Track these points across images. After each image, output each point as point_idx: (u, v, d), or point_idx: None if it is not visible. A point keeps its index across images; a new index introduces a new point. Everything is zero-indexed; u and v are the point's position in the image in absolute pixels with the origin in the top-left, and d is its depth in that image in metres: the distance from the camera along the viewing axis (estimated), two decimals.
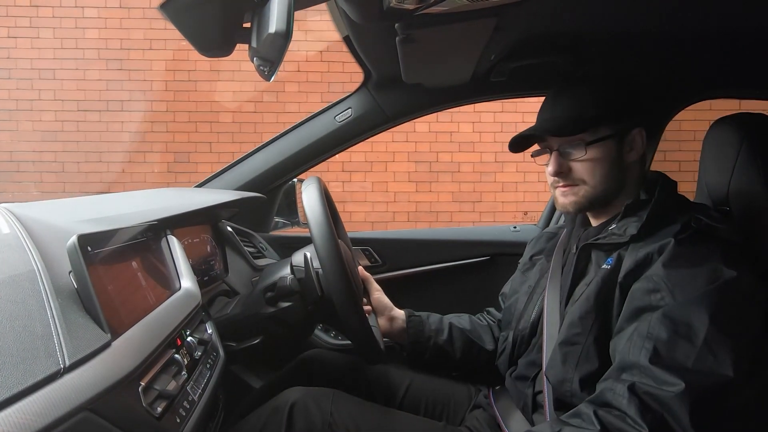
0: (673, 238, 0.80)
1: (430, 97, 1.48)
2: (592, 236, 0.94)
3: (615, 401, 0.73)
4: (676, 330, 0.73)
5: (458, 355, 1.15)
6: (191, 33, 0.75)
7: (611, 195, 0.94)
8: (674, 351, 0.72)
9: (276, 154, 1.53)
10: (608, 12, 1.02)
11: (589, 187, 0.92)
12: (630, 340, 0.77)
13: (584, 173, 0.92)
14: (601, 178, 0.92)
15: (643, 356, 0.73)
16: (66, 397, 0.45)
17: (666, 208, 0.86)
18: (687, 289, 0.75)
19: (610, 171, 0.92)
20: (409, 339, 1.15)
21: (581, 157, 0.91)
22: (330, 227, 0.93)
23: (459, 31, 0.97)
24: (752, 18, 1.04)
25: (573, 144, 0.92)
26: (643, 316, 0.77)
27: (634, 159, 0.93)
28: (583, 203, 0.94)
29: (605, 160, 0.91)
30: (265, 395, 1.07)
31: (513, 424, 0.99)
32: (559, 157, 0.93)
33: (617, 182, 0.93)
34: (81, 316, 0.54)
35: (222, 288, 1.24)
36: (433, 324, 1.17)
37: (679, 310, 0.74)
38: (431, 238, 1.73)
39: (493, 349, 1.17)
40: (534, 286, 1.08)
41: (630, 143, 0.93)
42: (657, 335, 0.74)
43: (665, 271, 0.78)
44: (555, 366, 0.88)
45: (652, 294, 0.77)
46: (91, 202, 0.93)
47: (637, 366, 0.74)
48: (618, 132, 0.92)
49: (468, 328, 1.18)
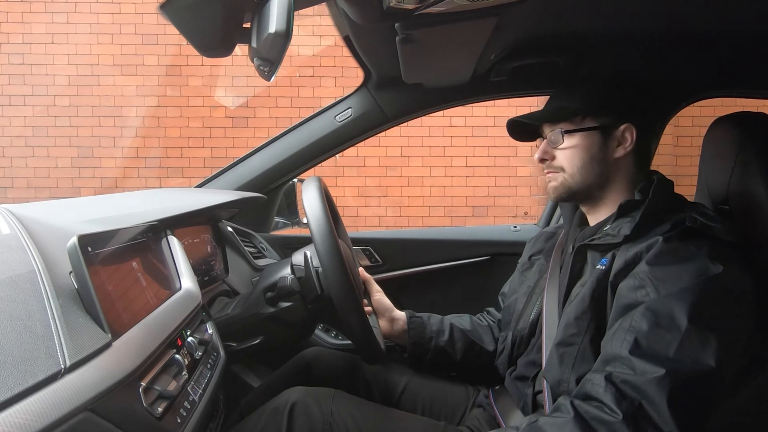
0: (661, 236, 0.81)
1: (430, 97, 1.48)
2: (587, 237, 0.95)
3: (593, 391, 0.74)
4: (658, 322, 0.74)
5: (459, 356, 1.16)
6: (191, 33, 0.75)
7: (594, 188, 0.95)
8: (655, 342, 0.73)
9: (276, 154, 1.53)
10: (608, 11, 1.02)
11: (568, 176, 0.96)
12: (614, 334, 0.78)
13: (563, 161, 0.96)
14: (579, 168, 0.95)
15: (624, 348, 0.74)
16: (66, 398, 0.45)
17: (660, 208, 0.86)
18: (670, 284, 0.76)
19: (589, 163, 0.94)
20: (410, 340, 1.16)
21: (561, 145, 0.95)
22: (330, 225, 0.94)
23: (459, 30, 0.97)
24: (753, 17, 1.04)
25: (556, 132, 0.96)
26: (628, 312, 0.78)
27: (622, 155, 0.94)
28: (561, 191, 0.97)
29: (585, 151, 0.94)
30: (265, 394, 1.07)
31: (513, 423, 0.99)
32: (546, 145, 0.97)
33: (599, 176, 0.95)
34: (81, 316, 0.55)
35: (222, 288, 1.24)
36: (434, 325, 1.17)
37: (661, 303, 0.75)
38: (431, 237, 1.73)
39: (493, 349, 1.17)
40: (533, 286, 1.08)
41: (618, 139, 0.94)
42: (639, 327, 0.74)
43: (650, 268, 0.78)
44: (552, 367, 0.88)
45: (638, 291, 0.78)
46: (91, 202, 0.93)
47: (618, 357, 0.74)
48: (603, 126, 0.93)
49: (469, 329, 1.18)
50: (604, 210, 0.97)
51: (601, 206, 0.97)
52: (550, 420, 0.75)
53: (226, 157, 4.14)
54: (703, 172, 1.06)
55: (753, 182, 0.94)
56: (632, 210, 0.88)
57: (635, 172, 0.96)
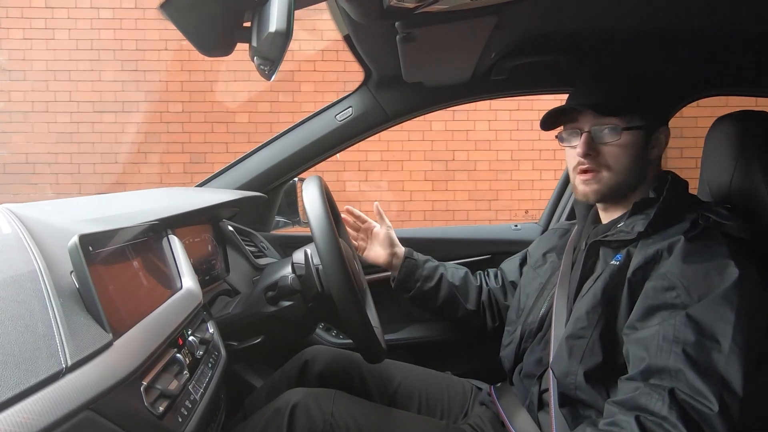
0: (683, 235, 0.81)
1: (430, 96, 1.48)
2: (600, 233, 0.95)
3: (651, 405, 0.72)
4: (702, 333, 0.73)
5: (439, 303, 1.27)
6: (191, 32, 0.75)
7: (631, 187, 0.95)
8: (703, 355, 0.72)
9: (277, 153, 1.53)
10: (608, 10, 1.02)
11: (613, 174, 0.93)
12: (653, 341, 0.76)
13: (611, 158, 0.92)
14: (625, 167, 0.92)
15: (673, 360, 0.73)
16: (68, 397, 0.45)
17: (674, 206, 0.87)
18: (702, 287, 0.76)
19: (635, 162, 0.93)
20: (398, 276, 1.28)
21: (614, 141, 0.92)
22: (330, 223, 0.94)
23: (459, 29, 0.96)
24: (754, 16, 1.03)
25: (608, 127, 0.92)
26: (659, 314, 0.78)
27: (656, 156, 0.95)
28: (604, 191, 0.94)
29: (633, 150, 0.92)
30: (268, 394, 1.07)
31: (518, 421, 0.99)
32: (590, 139, 0.93)
33: (637, 176, 0.94)
34: (82, 315, 0.55)
35: (223, 287, 1.24)
36: (426, 270, 1.28)
37: (702, 311, 0.75)
38: (432, 236, 1.73)
39: (473, 310, 1.26)
40: (545, 282, 1.09)
41: (656, 140, 0.95)
42: (684, 338, 0.74)
43: (678, 269, 0.78)
44: (561, 359, 0.88)
45: (667, 292, 0.78)
46: (92, 202, 0.93)
47: (667, 370, 0.73)
48: (648, 125, 0.93)
49: (457, 284, 1.27)
50: (620, 208, 0.97)
51: (619, 205, 0.97)
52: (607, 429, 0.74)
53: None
54: (705, 170, 1.06)
55: (755, 180, 0.94)
56: (647, 208, 0.89)
57: (657, 173, 0.96)
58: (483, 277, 1.32)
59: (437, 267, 1.29)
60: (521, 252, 1.31)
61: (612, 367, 0.83)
